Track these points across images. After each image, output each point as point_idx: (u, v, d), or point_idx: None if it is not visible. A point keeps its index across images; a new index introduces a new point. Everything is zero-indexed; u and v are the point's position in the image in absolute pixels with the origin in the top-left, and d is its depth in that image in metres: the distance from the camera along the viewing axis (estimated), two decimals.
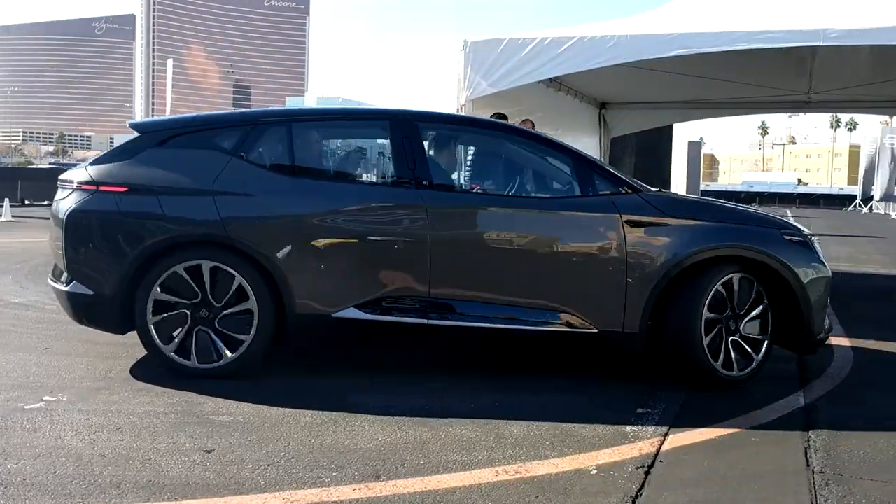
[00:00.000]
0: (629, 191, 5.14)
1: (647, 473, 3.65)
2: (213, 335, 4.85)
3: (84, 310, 4.98)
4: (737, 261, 5.02)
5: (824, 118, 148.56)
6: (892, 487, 3.56)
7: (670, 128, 27.11)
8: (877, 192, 48.01)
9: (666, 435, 4.20)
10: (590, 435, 4.17)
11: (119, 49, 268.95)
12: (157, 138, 5.11)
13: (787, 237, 5.20)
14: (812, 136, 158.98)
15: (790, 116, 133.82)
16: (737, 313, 5.04)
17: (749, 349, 5.06)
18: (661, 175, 27.46)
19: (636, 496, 3.39)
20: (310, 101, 36.47)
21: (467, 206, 5.20)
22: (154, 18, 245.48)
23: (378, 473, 3.55)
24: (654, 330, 5.04)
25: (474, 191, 5.69)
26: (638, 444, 4.05)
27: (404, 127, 5.18)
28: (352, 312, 4.88)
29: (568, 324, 4.99)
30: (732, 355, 5.03)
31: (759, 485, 3.58)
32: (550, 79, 9.51)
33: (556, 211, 5.17)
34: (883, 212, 47.50)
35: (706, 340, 4.92)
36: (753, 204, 65.46)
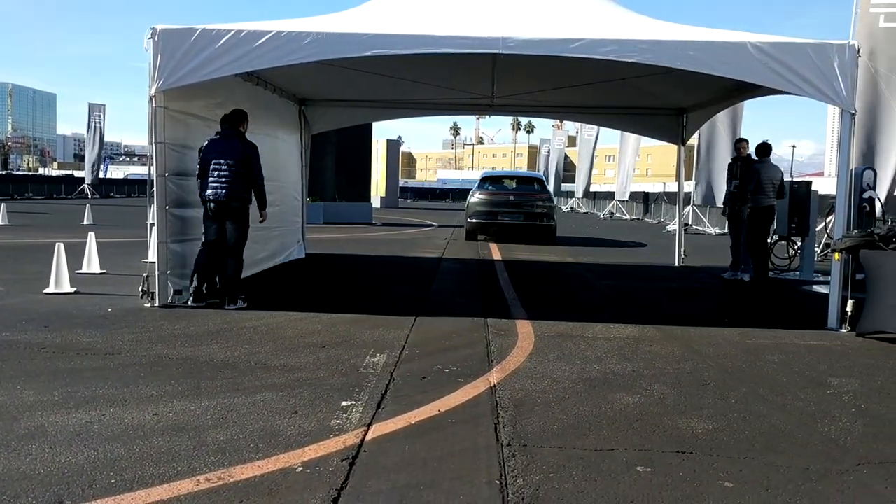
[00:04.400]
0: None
1: (351, 465, 3.71)
2: None
3: None
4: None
5: (508, 120, 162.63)
6: (567, 452, 3.98)
7: (370, 126, 28.05)
8: (551, 186, 53.69)
9: (369, 425, 4.31)
10: (296, 433, 4.15)
11: None
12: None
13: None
14: (498, 136, 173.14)
15: (478, 118, 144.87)
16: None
17: None
18: (362, 171, 28.32)
19: (342, 488, 3.43)
20: None
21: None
22: None
23: (61, 499, 3.21)
24: None
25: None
26: (343, 436, 4.11)
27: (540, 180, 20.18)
28: None
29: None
30: None
31: (456, 463, 3.81)
32: (248, 73, 9.30)
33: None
34: (556, 204, 53.15)
35: None
36: (447, 199, 69.81)
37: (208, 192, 7.99)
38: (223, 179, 7.98)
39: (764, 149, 11.19)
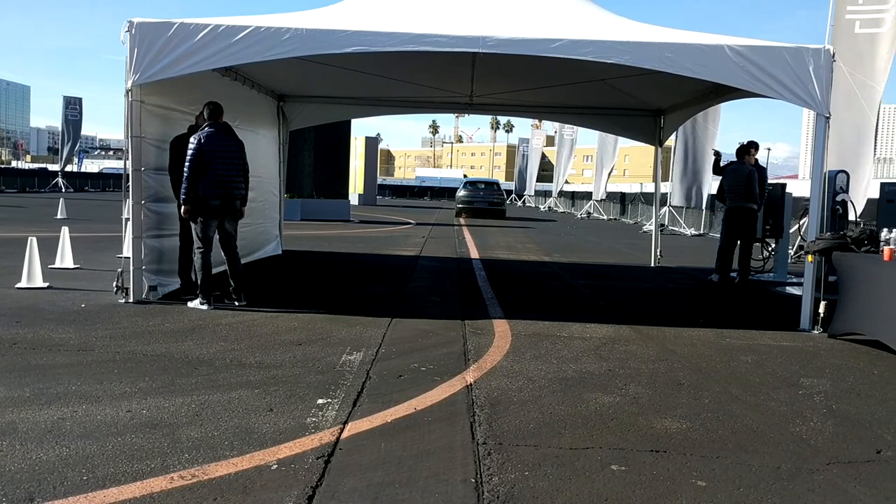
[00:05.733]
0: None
1: (327, 463, 3.71)
2: None
3: None
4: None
5: (487, 119, 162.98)
6: (542, 450, 4.00)
7: (348, 123, 27.96)
8: (529, 187, 53.95)
9: (345, 423, 4.31)
10: (271, 430, 4.13)
11: None
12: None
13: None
14: (477, 135, 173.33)
15: (457, 117, 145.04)
16: None
17: None
18: (340, 168, 28.24)
19: (317, 486, 3.43)
20: None
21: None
22: None
23: (31, 496, 3.18)
24: None
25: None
26: (318, 434, 4.10)
27: (497, 183, 35.60)
28: None
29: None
30: None
31: (432, 461, 3.81)
32: (226, 68, 9.23)
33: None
34: (534, 205, 53.53)
35: None
36: (425, 197, 69.84)
37: (217, 190, 7.74)
38: (233, 178, 7.90)
39: (738, 151, 11.16)
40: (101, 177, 54.35)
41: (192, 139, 7.72)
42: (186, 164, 7.62)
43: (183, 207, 7.74)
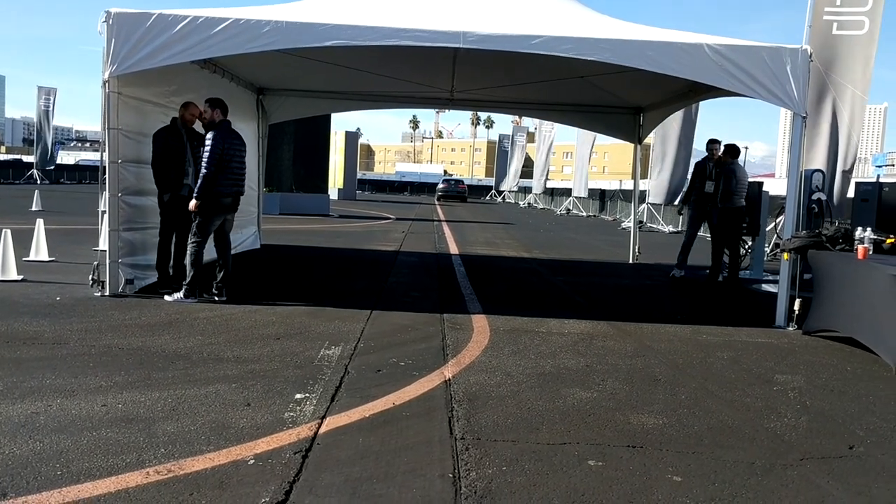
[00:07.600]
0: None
1: (304, 458, 3.69)
2: None
3: None
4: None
5: (467, 115, 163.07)
6: (520, 446, 4.02)
7: (328, 117, 27.85)
8: (510, 183, 54.08)
9: (323, 418, 4.30)
10: (248, 425, 4.11)
11: None
12: None
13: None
14: (457, 131, 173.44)
15: (438, 112, 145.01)
16: None
17: None
18: (320, 162, 28.14)
19: (294, 480, 3.41)
20: None
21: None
22: None
23: (4, 491, 3.14)
24: None
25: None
26: (296, 429, 4.09)
27: (461, 180, 56.08)
28: None
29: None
30: None
31: (410, 456, 3.81)
32: (205, 60, 9.15)
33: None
34: (514, 201, 53.69)
35: None
36: (405, 192, 69.76)
37: (232, 188, 7.82)
38: (243, 174, 8.05)
39: (734, 150, 11.24)
40: (77, 168, 53.74)
41: (208, 136, 7.61)
42: (207, 160, 7.53)
43: (193, 203, 7.58)
